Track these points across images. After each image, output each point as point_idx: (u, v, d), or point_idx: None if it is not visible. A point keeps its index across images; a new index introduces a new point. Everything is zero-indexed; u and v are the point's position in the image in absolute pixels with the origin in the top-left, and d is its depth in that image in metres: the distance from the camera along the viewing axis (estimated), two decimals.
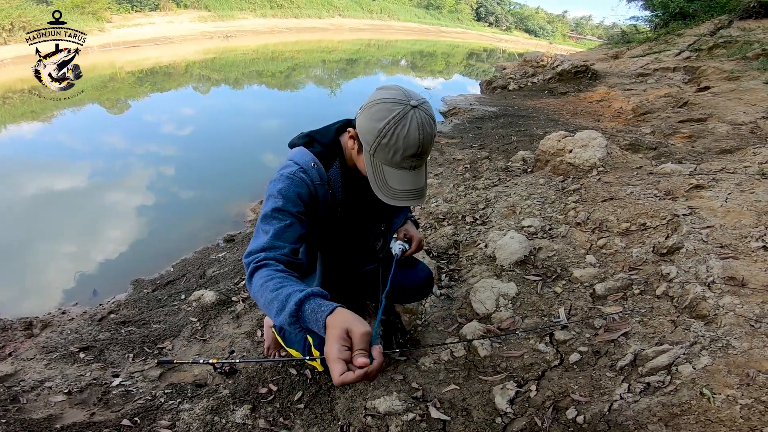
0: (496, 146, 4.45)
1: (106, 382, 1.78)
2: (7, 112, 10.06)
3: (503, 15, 53.32)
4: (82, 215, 4.63)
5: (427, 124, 0.88)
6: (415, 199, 0.95)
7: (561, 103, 7.63)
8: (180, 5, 27.45)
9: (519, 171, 3.30)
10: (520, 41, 45.31)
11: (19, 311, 3.07)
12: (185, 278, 2.67)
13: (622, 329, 1.28)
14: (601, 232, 1.88)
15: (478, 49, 30.79)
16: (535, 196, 2.57)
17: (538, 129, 5.30)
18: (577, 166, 2.75)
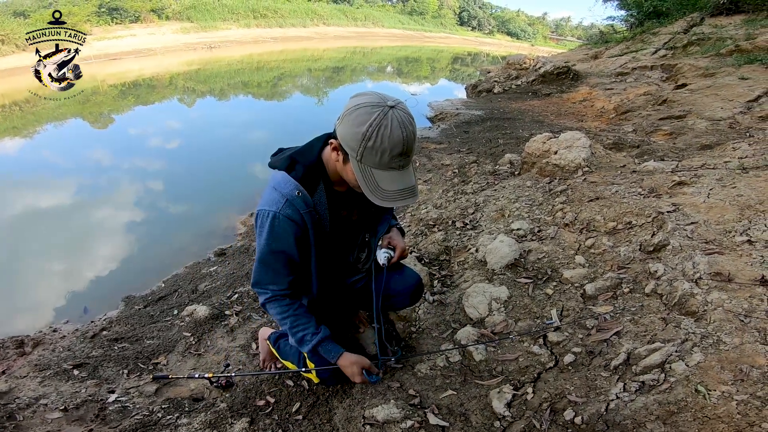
0: (483, 150, 4.50)
1: (101, 399, 1.77)
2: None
3: (485, 19, 54.15)
4: (69, 232, 4.56)
5: (408, 122, 0.90)
6: (409, 197, 0.96)
7: (545, 105, 7.76)
8: (162, 17, 27.29)
9: (506, 174, 3.33)
10: (502, 44, 46.07)
11: (10, 330, 3.02)
12: (177, 293, 2.64)
13: (614, 329, 1.30)
14: (589, 232, 1.91)
15: (462, 54, 31.16)
16: (523, 198, 2.60)
17: (524, 131, 5.38)
18: (562, 167, 2.80)
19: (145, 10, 26.53)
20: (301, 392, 1.65)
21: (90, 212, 5.08)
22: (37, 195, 5.72)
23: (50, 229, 4.66)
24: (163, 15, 27.38)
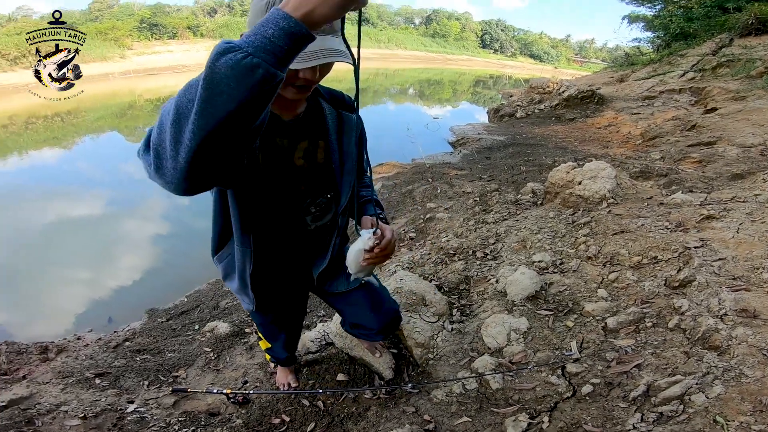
0: (505, 177, 4.57)
1: (121, 408, 1.83)
2: (30, 137, 10.61)
3: (508, 41, 54.94)
4: (97, 242, 4.80)
5: None
6: (336, 56, 0.81)
7: (569, 130, 7.76)
8: (197, 34, 29.20)
9: (529, 204, 3.37)
10: (525, 67, 46.49)
11: (34, 335, 3.15)
12: (199, 309, 2.75)
13: (635, 361, 1.34)
14: (613, 266, 1.93)
15: (484, 76, 31.62)
16: (545, 230, 2.63)
17: (547, 158, 5.41)
18: (586, 198, 2.81)
19: (181, 27, 28.68)
20: (317, 413, 1.71)
21: (118, 223, 5.37)
22: (70, 204, 6.09)
23: (79, 238, 4.94)
24: (198, 32, 29.39)
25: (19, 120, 12.49)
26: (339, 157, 1.08)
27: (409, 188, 4.72)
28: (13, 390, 2.05)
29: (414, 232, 3.49)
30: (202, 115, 0.55)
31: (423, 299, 1.99)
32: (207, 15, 34.72)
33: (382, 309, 1.43)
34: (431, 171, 5.42)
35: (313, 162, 1.06)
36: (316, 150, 1.06)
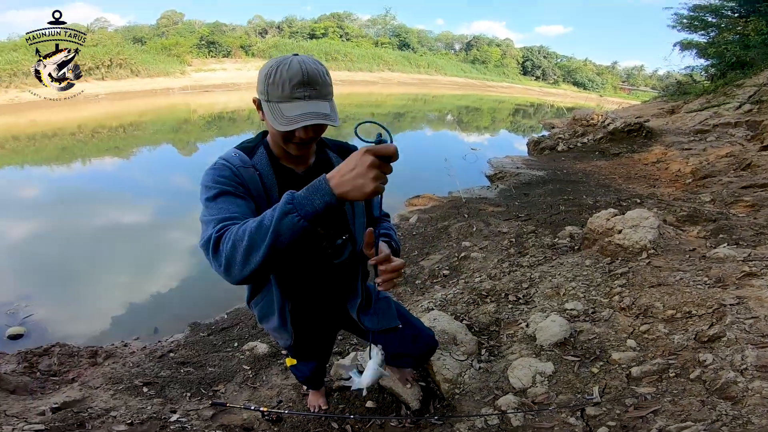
0: (543, 217, 4.65)
1: (164, 417, 2.03)
2: (94, 146, 11.82)
3: (550, 68, 54.89)
4: (144, 250, 5.27)
5: (309, 61, 0.99)
6: (316, 119, 0.96)
7: (613, 166, 7.68)
8: (248, 53, 31.54)
9: (566, 248, 3.45)
10: (568, 94, 46.17)
11: (82, 336, 3.46)
12: (238, 327, 3.00)
13: (652, 407, 1.47)
14: (646, 317, 2.02)
15: (524, 104, 31.75)
16: (580, 278, 2.73)
17: (588, 197, 5.42)
18: (626, 247, 2.85)
19: (235, 46, 31.18)
20: None
21: (165, 233, 5.90)
22: (122, 211, 6.73)
23: (129, 245, 5.44)
24: (250, 52, 31.74)
25: (87, 129, 14.01)
26: (349, 203, 1.23)
27: (444, 224, 4.89)
28: (66, 392, 2.30)
29: (448, 269, 3.64)
30: (269, 248, 0.84)
31: (454, 339, 2.16)
32: (258, 35, 37.43)
33: (418, 341, 1.59)
34: (467, 206, 5.56)
35: None
36: None
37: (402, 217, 5.49)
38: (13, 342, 3.32)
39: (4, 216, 6.34)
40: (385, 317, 1.50)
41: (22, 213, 6.52)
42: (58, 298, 4.10)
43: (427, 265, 3.82)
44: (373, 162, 0.81)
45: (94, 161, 10.43)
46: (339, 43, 38.66)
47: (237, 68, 28.34)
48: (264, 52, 32.09)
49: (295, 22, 40.74)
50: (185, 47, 27.51)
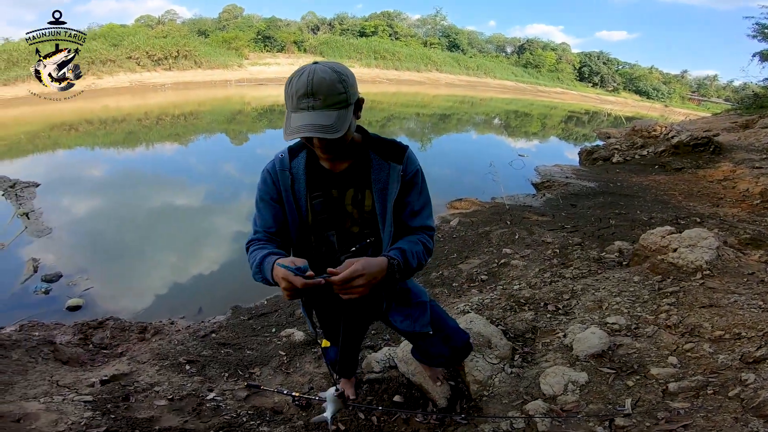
0: (590, 230, 4.53)
1: (201, 395, 2.17)
2: (157, 132, 12.88)
3: (610, 75, 52.37)
4: (192, 232, 5.65)
5: (320, 70, 1.04)
6: (312, 131, 1.03)
7: (674, 182, 7.30)
8: (301, 49, 32.83)
9: (613, 263, 3.37)
10: (629, 103, 43.94)
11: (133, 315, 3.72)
12: (277, 313, 3.17)
13: (684, 422, 1.45)
14: (691, 336, 1.97)
15: (578, 111, 30.63)
16: (626, 293, 2.67)
17: (642, 212, 5.21)
18: (679, 267, 2.78)
19: (289, 41, 32.56)
20: (369, 426, 1.95)
21: (214, 219, 6.31)
22: (176, 193, 7.26)
23: (179, 226, 5.85)
24: (302, 47, 33.05)
25: (152, 115, 15.28)
26: (382, 206, 1.26)
27: (486, 229, 4.87)
28: (115, 366, 2.51)
29: (486, 274, 3.64)
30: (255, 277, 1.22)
31: (489, 342, 2.19)
32: (311, 31, 38.64)
33: (451, 342, 1.61)
34: (510, 213, 5.50)
35: (361, 208, 1.28)
36: (363, 198, 1.27)
37: (443, 219, 5.51)
38: (72, 313, 3.65)
39: (73, 193, 7.02)
40: (418, 322, 1.51)
41: (89, 191, 7.19)
42: (113, 273, 4.49)
43: (466, 269, 3.83)
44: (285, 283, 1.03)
45: (156, 146, 11.38)
46: (388, 42, 39.06)
47: (290, 63, 29.53)
48: (315, 48, 33.20)
49: (346, 20, 41.64)
50: (243, 41, 29.11)
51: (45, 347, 2.62)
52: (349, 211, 1.29)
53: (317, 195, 1.25)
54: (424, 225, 1.30)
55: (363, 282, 1.04)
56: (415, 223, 1.29)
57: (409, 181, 1.27)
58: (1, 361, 2.31)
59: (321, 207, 1.26)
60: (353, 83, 1.10)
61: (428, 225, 1.31)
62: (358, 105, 1.14)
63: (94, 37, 22.90)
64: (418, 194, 1.29)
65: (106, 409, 1.92)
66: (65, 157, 10.03)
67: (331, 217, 1.27)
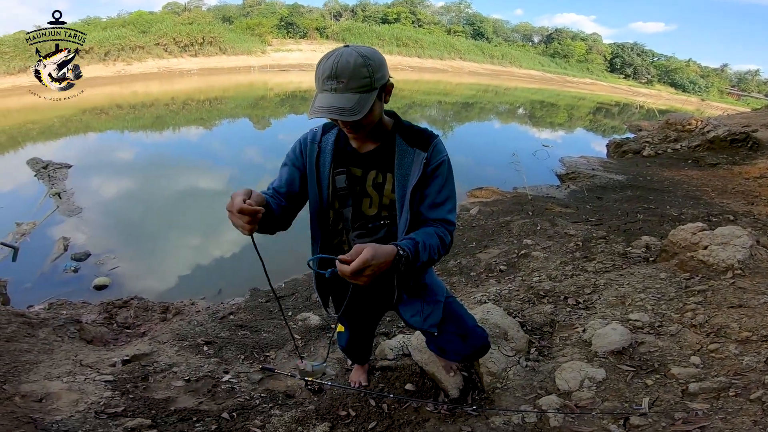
0: (616, 224, 4.39)
1: (217, 377, 2.21)
2: (183, 116, 13.25)
3: (644, 67, 50.31)
4: (213, 215, 5.75)
5: (347, 54, 1.06)
6: (329, 112, 1.06)
7: (707, 177, 7.02)
8: (323, 35, 32.88)
9: (638, 259, 3.27)
10: (662, 96, 42.23)
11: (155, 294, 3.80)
12: (294, 297, 3.20)
13: (701, 423, 1.39)
14: (717, 337, 1.89)
15: (608, 103, 29.61)
16: (651, 290, 2.59)
17: (672, 208, 5.02)
18: (709, 265, 2.68)
19: (311, 27, 32.66)
20: (380, 413, 1.95)
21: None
22: (198, 176, 7.42)
23: (200, 209, 5.95)
24: (324, 34, 33.09)
25: (179, 100, 15.71)
26: (401, 191, 1.25)
27: (506, 219, 4.80)
28: (137, 345, 2.56)
29: (505, 265, 3.59)
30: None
31: (505, 334, 2.16)
32: (333, 18, 38.49)
33: (468, 340, 1.56)
34: (533, 204, 5.39)
35: (381, 191, 1.29)
36: (384, 182, 1.28)
37: (462, 207, 5.45)
38: (98, 292, 3.77)
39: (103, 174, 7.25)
40: (427, 320, 1.49)
41: (117, 173, 7.41)
42: (139, 253, 4.62)
43: (484, 258, 3.79)
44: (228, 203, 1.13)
45: (182, 130, 11.67)
46: (411, 29, 38.56)
47: (312, 49, 29.59)
48: (337, 35, 33.11)
49: (369, 6, 41.28)
50: (267, 27, 29.31)
51: (71, 326, 2.71)
52: (369, 192, 1.30)
53: (340, 171, 1.28)
54: (444, 219, 1.26)
55: (370, 273, 1.02)
56: (434, 215, 1.26)
57: (432, 171, 1.25)
58: (29, 340, 2.39)
59: (342, 183, 1.28)
60: (380, 68, 1.10)
61: (448, 219, 1.27)
62: (384, 89, 1.15)
63: (124, 24, 23.51)
64: (441, 186, 1.26)
65: (125, 389, 1.97)
66: (96, 140, 10.38)
67: (349, 195, 1.29)
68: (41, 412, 1.70)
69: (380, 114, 1.19)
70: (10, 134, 10.11)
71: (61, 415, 1.69)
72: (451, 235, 1.28)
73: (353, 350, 1.98)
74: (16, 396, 1.76)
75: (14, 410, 1.64)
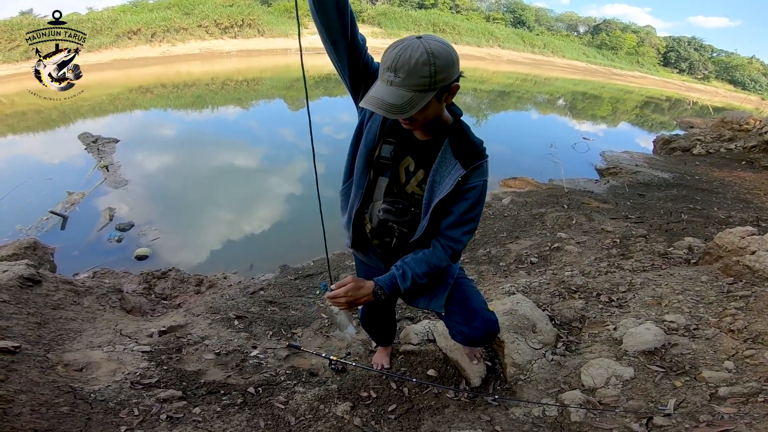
0: (658, 223, 4.22)
1: (246, 351, 2.29)
2: (222, 96, 13.77)
3: (701, 62, 47.17)
4: (248, 191, 5.96)
5: (414, 48, 1.01)
6: (376, 106, 1.05)
7: (760, 180, 6.66)
8: (359, 19, 32.57)
9: (680, 260, 3.14)
10: (719, 93, 39.64)
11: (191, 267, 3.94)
12: (322, 275, 3.26)
13: (726, 426, 1.35)
14: (754, 343, 1.82)
15: (657, 97, 28.05)
16: (690, 292, 2.50)
17: (720, 210, 4.76)
18: (755, 271, 2.56)
19: None
20: (400, 396, 1.98)
21: (268, 180, 6.65)
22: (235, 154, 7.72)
23: (237, 187, 6.16)
24: (360, 18, 33.03)
25: (218, 81, 16.22)
26: (429, 196, 1.24)
27: (540, 210, 4.69)
28: (173, 317, 2.66)
29: (536, 257, 3.53)
30: None
31: (534, 326, 2.14)
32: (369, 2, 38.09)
33: (472, 322, 1.52)
34: (569, 197, 5.24)
35: (408, 178, 1.29)
36: (415, 172, 1.28)
37: (494, 196, 5.36)
38: (139, 263, 3.95)
39: (147, 149, 7.59)
40: (434, 301, 1.50)
41: (161, 148, 7.75)
42: (178, 226, 4.82)
43: (515, 249, 3.73)
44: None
45: (221, 109, 12.06)
46: (448, 15, 37.68)
47: None
48: (373, 19, 32.79)
49: None
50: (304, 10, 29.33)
51: (113, 295, 2.83)
52: (399, 174, 1.31)
53: (390, 141, 1.28)
54: (456, 239, 1.28)
55: (344, 301, 1.28)
56: (449, 232, 1.27)
57: (465, 192, 1.23)
58: (74, 308, 2.49)
59: (387, 153, 1.28)
60: (446, 68, 1.04)
61: (460, 239, 1.28)
62: (447, 89, 1.09)
63: (169, 6, 24.18)
64: (468, 209, 1.24)
65: (160, 360, 2.06)
66: (142, 117, 10.87)
67: (390, 166, 1.30)
68: (81, 381, 1.78)
69: (436, 113, 1.15)
70: (62, 110, 10.72)
71: (99, 384, 1.77)
72: (452, 255, 1.31)
73: (371, 327, 1.99)
74: (59, 365, 1.85)
75: (56, 379, 1.72)
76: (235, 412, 1.78)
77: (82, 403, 1.62)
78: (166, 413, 1.68)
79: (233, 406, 1.82)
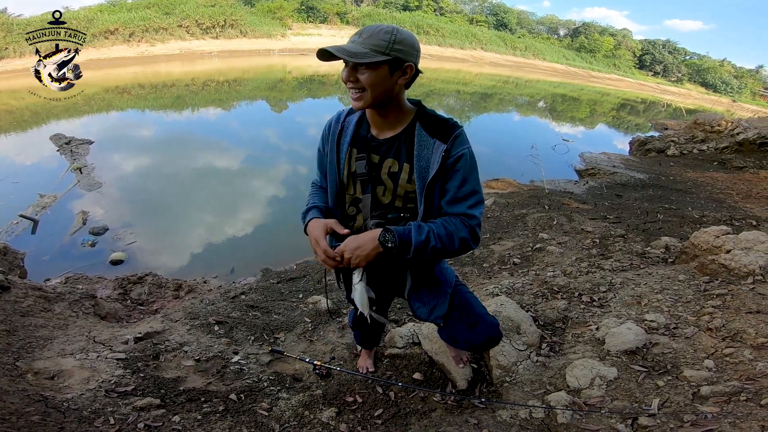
0: (635, 223, 4.31)
1: (227, 357, 2.23)
2: (203, 97, 13.54)
3: (674, 65, 48.71)
4: (229, 194, 5.84)
5: (384, 24, 1.14)
6: (333, 48, 1.11)
7: (733, 180, 6.85)
8: (343, 20, 32.70)
9: (657, 260, 3.21)
10: (692, 95, 40.98)
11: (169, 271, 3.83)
12: (305, 279, 3.22)
13: (710, 426, 1.37)
14: (733, 341, 1.86)
15: (633, 100, 28.82)
16: (668, 291, 2.55)
17: (695, 210, 4.90)
18: (731, 269, 2.63)
19: (332, 12, 32.53)
20: (386, 401, 1.95)
21: (250, 183, 6.49)
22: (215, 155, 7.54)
23: (216, 187, 6.04)
24: (345, 19, 32.92)
25: (199, 82, 15.96)
26: (421, 184, 1.21)
27: (522, 212, 4.74)
28: (149, 323, 2.57)
29: (519, 258, 3.55)
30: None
31: (518, 327, 2.14)
32: (354, 3, 38.10)
33: (476, 329, 1.50)
34: (549, 198, 5.31)
35: (395, 182, 1.26)
36: (400, 171, 1.25)
37: None
38: (114, 267, 3.80)
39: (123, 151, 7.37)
40: (433, 312, 1.48)
41: (137, 150, 7.53)
42: (155, 229, 4.68)
43: (498, 251, 3.74)
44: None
45: (201, 110, 11.87)
46: (432, 17, 38.03)
47: (332, 34, 29.53)
48: (358, 21, 32.90)
49: None
50: (287, 11, 29.28)
51: (87, 301, 2.72)
52: (383, 180, 1.28)
53: (361, 157, 1.28)
54: (465, 213, 1.21)
55: (349, 256, 1.20)
56: (454, 209, 1.22)
57: (452, 165, 1.19)
58: (44, 315, 2.39)
59: (363, 169, 1.28)
60: (404, 44, 1.13)
61: (469, 213, 1.21)
62: (401, 66, 1.14)
63: (149, 6, 23.64)
64: (462, 181, 1.20)
65: (136, 367, 1.98)
66: (118, 118, 10.56)
67: (369, 181, 1.28)
68: (53, 389, 1.71)
69: (385, 88, 1.15)
70: (34, 110, 10.34)
71: (71, 393, 1.70)
72: (472, 230, 1.22)
73: (361, 330, 1.96)
74: (29, 373, 1.77)
75: (26, 388, 1.65)
76: (216, 420, 1.72)
77: (55, 412, 1.55)
78: (144, 422, 1.62)
79: (215, 414, 1.76)
